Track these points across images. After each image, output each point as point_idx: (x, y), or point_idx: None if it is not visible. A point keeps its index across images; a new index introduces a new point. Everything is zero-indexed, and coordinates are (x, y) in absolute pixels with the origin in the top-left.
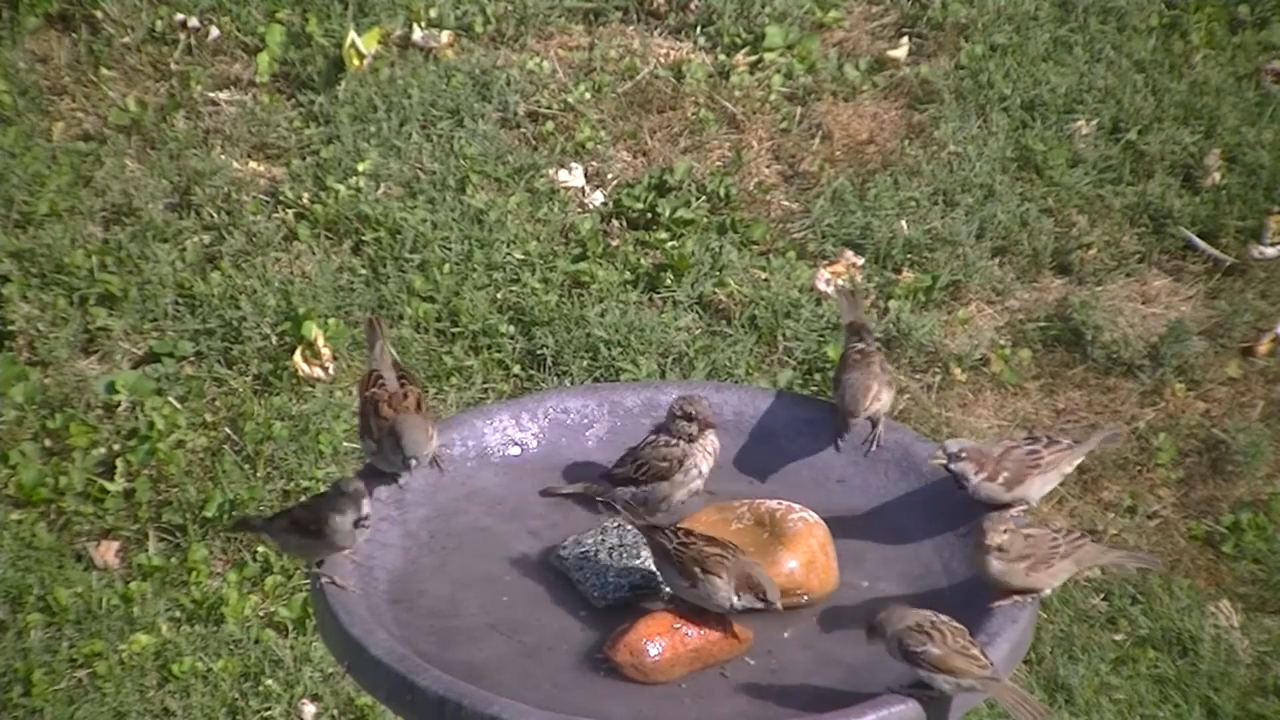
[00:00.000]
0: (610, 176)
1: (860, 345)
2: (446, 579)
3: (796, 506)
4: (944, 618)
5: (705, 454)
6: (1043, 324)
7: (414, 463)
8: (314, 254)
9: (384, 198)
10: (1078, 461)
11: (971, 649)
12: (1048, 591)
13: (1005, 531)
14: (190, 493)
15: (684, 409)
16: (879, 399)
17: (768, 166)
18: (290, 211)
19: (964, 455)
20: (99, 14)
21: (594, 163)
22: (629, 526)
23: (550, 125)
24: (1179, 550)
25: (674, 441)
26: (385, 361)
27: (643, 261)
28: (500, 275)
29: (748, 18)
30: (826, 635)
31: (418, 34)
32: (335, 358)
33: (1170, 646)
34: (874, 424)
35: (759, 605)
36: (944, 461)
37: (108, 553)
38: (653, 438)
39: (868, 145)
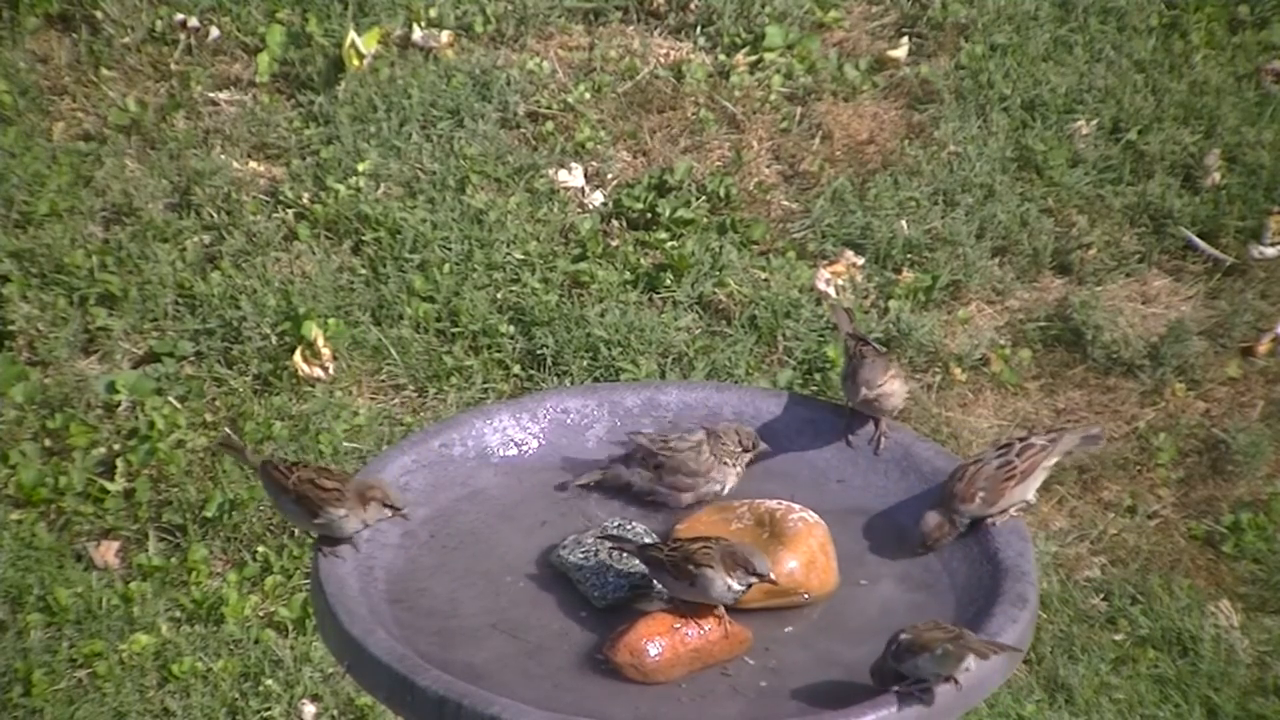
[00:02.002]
0: (610, 176)
1: (869, 348)
2: (446, 579)
3: (796, 506)
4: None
5: (732, 478)
6: (1043, 324)
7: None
8: (314, 254)
9: (384, 198)
10: (1056, 458)
11: (942, 624)
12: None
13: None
14: (190, 493)
15: (744, 443)
16: (894, 383)
17: (768, 166)
18: (290, 211)
19: (935, 524)
20: (99, 14)
21: (594, 163)
22: (629, 526)
23: (550, 125)
24: (1179, 550)
25: (711, 456)
26: None
27: (643, 261)
28: (500, 275)
29: (748, 18)
30: (826, 635)
31: (418, 34)
32: (335, 358)
33: (1170, 646)
34: (877, 422)
35: (753, 579)
36: (938, 538)
37: (108, 553)
38: (695, 442)
39: (868, 145)
